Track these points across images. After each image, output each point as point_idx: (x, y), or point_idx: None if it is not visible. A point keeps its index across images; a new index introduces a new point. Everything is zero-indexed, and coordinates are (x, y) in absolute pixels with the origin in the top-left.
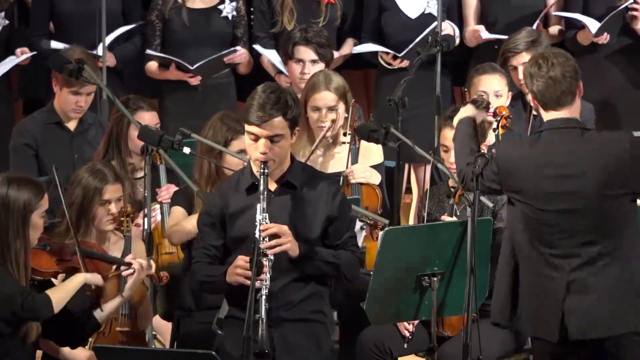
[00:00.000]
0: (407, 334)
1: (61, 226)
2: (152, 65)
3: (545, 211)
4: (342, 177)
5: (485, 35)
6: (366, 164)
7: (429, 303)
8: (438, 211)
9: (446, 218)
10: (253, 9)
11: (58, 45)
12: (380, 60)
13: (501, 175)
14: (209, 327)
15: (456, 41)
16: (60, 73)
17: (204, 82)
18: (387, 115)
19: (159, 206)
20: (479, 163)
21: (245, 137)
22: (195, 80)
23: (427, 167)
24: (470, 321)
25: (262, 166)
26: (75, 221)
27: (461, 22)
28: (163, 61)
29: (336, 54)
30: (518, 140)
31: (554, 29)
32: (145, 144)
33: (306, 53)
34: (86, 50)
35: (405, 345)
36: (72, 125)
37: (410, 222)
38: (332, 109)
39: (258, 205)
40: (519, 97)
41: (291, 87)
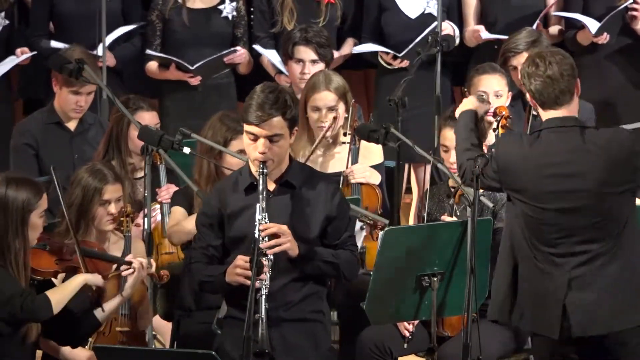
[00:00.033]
0: (407, 334)
1: (61, 226)
2: (152, 65)
3: (545, 210)
4: (342, 177)
5: (485, 35)
6: (366, 164)
7: (429, 303)
8: (438, 211)
9: (446, 218)
10: (253, 9)
11: (58, 45)
12: (380, 60)
13: (501, 174)
14: (209, 327)
15: (456, 41)
16: (60, 73)
17: (204, 82)
18: (387, 115)
19: (159, 206)
20: (479, 163)
21: (244, 137)
22: (195, 80)
23: (427, 167)
24: (470, 321)
25: (261, 166)
26: (75, 221)
27: (461, 22)
28: (163, 61)
29: (336, 54)
30: (518, 139)
31: (554, 29)
32: (145, 144)
33: (306, 53)
34: (86, 50)
35: (405, 345)
36: (72, 125)
37: (410, 222)
38: (332, 109)
39: (257, 205)
40: (519, 97)
41: (291, 87)
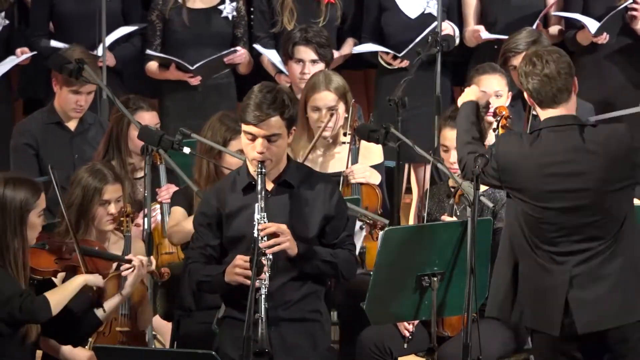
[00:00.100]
0: (407, 334)
1: (61, 226)
2: (152, 65)
3: (545, 209)
4: (342, 177)
5: (485, 35)
6: (366, 164)
7: (429, 303)
8: (438, 211)
9: (446, 218)
10: (253, 9)
11: (58, 45)
12: (380, 60)
13: (501, 173)
14: (209, 327)
15: (456, 41)
16: (60, 73)
17: (204, 82)
18: (387, 115)
19: (159, 206)
20: (479, 163)
21: (242, 137)
22: (195, 81)
23: (427, 167)
24: (470, 321)
25: (260, 166)
26: (75, 221)
27: (461, 22)
28: (163, 61)
29: (336, 54)
30: (518, 139)
31: (553, 29)
32: (145, 144)
33: (306, 53)
34: (86, 50)
35: (405, 345)
36: (72, 125)
37: (410, 222)
38: (332, 109)
39: (256, 204)
40: (519, 97)
41: (291, 87)
